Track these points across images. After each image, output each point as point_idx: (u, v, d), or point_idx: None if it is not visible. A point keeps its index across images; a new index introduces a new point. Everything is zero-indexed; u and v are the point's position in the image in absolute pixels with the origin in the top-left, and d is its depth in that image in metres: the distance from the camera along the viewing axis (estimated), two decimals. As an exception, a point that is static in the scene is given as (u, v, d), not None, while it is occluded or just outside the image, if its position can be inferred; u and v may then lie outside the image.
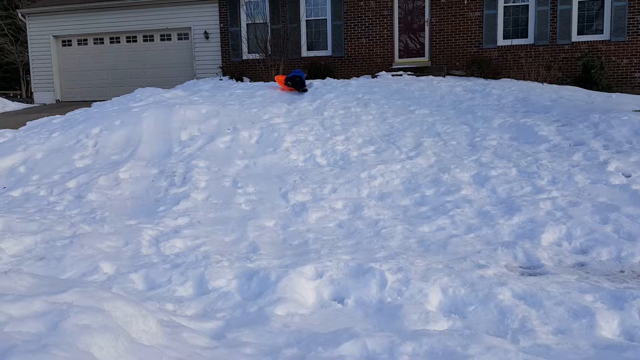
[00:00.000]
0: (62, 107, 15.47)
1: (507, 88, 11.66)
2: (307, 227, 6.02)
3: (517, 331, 3.59)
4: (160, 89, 12.37)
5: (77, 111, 11.40)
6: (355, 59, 15.26)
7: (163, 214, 6.45)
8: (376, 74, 14.13)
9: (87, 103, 12.77)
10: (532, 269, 4.91)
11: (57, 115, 11.33)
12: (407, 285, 4.25)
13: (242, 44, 15.86)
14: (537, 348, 3.20)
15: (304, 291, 4.24)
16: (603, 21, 13.80)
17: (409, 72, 13.88)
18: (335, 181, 7.27)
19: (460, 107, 10.36)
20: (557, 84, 12.46)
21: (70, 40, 18.36)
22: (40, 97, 18.52)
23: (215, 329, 3.54)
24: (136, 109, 9.92)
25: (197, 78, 16.18)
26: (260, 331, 3.50)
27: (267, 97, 11.55)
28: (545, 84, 12.33)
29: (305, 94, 11.60)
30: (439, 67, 14.29)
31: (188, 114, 9.57)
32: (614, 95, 11.33)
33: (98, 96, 16.40)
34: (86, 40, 18.15)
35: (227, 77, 15.69)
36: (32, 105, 17.69)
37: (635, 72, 13.61)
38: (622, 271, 4.84)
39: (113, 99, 12.03)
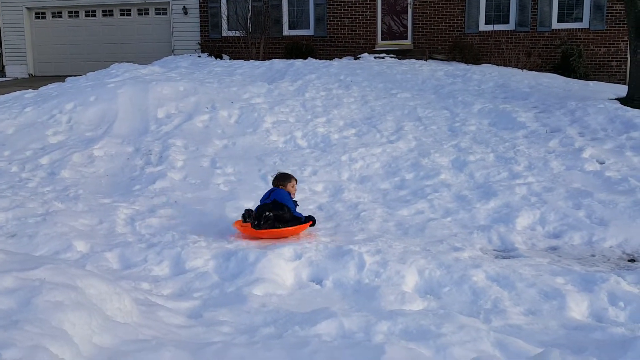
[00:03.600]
0: (35, 81, 15.07)
1: (487, 74, 11.73)
2: (286, 208, 5.99)
3: (489, 311, 3.66)
4: (137, 64, 12.10)
5: (50, 86, 11.10)
6: (338, 39, 15.14)
7: (139, 192, 6.36)
8: (358, 56, 14.06)
9: (61, 78, 12.43)
10: (506, 252, 5.00)
11: (30, 90, 11.02)
12: (384, 267, 4.29)
13: (222, 20, 15.58)
14: (508, 328, 3.27)
15: (283, 272, 4.25)
16: (583, 9, 13.92)
17: (392, 55, 13.85)
18: (315, 163, 7.25)
19: (441, 92, 10.40)
20: (536, 70, 12.57)
21: (44, 13, 17.81)
22: (13, 70, 18.00)
23: (192, 308, 3.52)
24: (112, 84, 9.71)
25: (175, 54, 15.88)
26: (238, 311, 3.49)
27: (247, 76, 11.41)
28: (524, 70, 12.43)
29: (287, 74, 11.47)
30: (421, 51, 14.28)
31: (165, 91, 9.40)
32: (591, 83, 11.49)
33: (72, 71, 15.97)
34: (60, 13, 17.63)
35: (206, 54, 15.42)
36: (3, 79, 17.20)
37: (612, 60, 13.81)
38: (593, 255, 4.96)
39: (88, 74, 11.73)
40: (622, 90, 10.11)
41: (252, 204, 6.15)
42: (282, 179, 5.40)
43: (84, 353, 2.40)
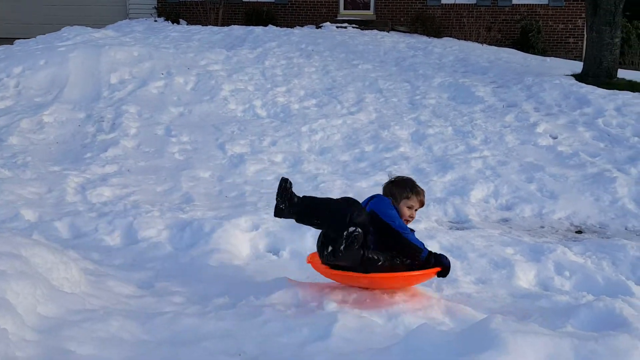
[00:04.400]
0: (-20, 42, 14.24)
1: (448, 47, 11.79)
2: (245, 179, 5.93)
3: (441, 281, 3.72)
4: (89, 28, 11.55)
5: (-3, 48, 10.51)
6: (299, 7, 14.85)
7: (90, 160, 6.15)
8: (320, 25, 13.85)
9: (10, 40, 11.78)
10: (460, 224, 5.10)
11: (-26, 52, 10.41)
12: (341, 238, 4.30)
13: (181, -16, 15.02)
14: (459, 296, 3.35)
15: (239, 243, 4.20)
16: (542, -15, 14.08)
17: (354, 25, 13.71)
18: (275, 134, 7.16)
19: (402, 64, 10.39)
20: (496, 45, 12.70)
21: (-11, -31, 16.73)
22: (-45, 30, 16.94)
23: (143, 279, 3.45)
24: (63, 48, 9.27)
25: (130, 18, 15.24)
26: (191, 281, 3.45)
27: (205, 42, 11.09)
28: (484, 45, 12.54)
29: (246, 41, 11.21)
30: (383, 22, 14.18)
31: (119, 55, 9.04)
32: (548, 59, 11.71)
33: (22, 34, 15.13)
34: (7, -30, 16.60)
35: (163, 18, 14.86)
36: (-55, 39, 16.19)
37: (570, 37, 14.08)
38: (542, 227, 5.12)
39: (38, 37, 11.15)
40: (577, 66, 10.33)
41: (209, 173, 6.05)
42: (398, 187, 3.23)
43: (28, 323, 2.32)
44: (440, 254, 3.15)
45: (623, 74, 9.99)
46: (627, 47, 13.85)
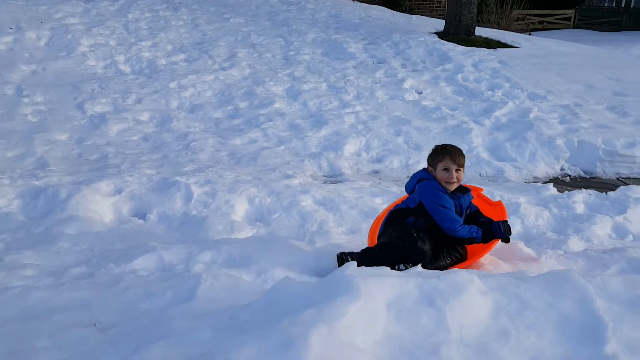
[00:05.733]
0: None
1: (321, 3, 11.79)
2: (107, 140, 5.53)
3: (315, 233, 3.81)
4: None
5: None
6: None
7: None
8: (189, -23, 13.10)
9: None
10: (334, 178, 5.22)
11: None
12: (213, 198, 4.20)
13: None
14: (330, 247, 3.44)
15: (100, 208, 3.93)
16: (410, -56, 14.51)
17: (225, -22, 13.15)
18: (140, 91, 6.73)
19: (275, 19, 10.23)
20: (366, 2, 12.96)
21: None
22: None
23: (-11, 254, 3.10)
24: None
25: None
26: (46, 252, 3.16)
27: (60, -8, 10.01)
28: (356, 1, 12.74)
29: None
30: (255, -24, 13.77)
31: (-46, 5, 7.88)
32: (414, 17, 12.20)
33: None
34: None
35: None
36: None
37: (435, -3, 14.76)
38: (408, 177, 5.33)
39: None
40: (441, 24, 10.88)
41: (67, 136, 5.56)
42: (430, 155, 3.22)
43: None
44: (494, 225, 3.04)
45: (480, 31, 10.71)
46: (484, 6, 14.81)
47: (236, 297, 2.14)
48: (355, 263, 1.86)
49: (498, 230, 3.00)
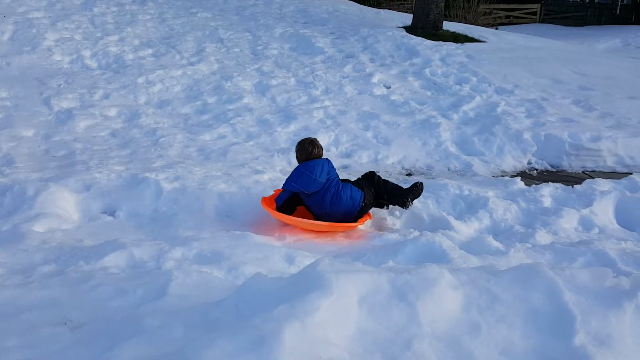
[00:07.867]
0: None
1: (289, -3, 11.77)
2: (74, 136, 5.45)
3: (285, 229, 3.85)
4: None
5: None
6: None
7: None
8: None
9: None
10: (303, 173, 5.25)
11: None
12: (183, 194, 4.20)
13: None
14: (300, 243, 3.49)
15: (69, 205, 3.90)
16: (378, -61, 14.57)
17: (192, -29, 12.99)
18: (107, 86, 6.64)
19: (243, 14, 10.17)
20: (335, -4, 12.97)
21: None
22: None
23: (-47, 254, 3.04)
24: None
25: None
26: (13, 250, 3.13)
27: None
28: (324, -4, 12.74)
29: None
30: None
31: None
32: (382, 11, 12.27)
33: None
34: None
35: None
36: None
37: (402, -9, 14.87)
38: (377, 171, 5.48)
39: None
40: (408, 19, 10.97)
41: (33, 132, 5.46)
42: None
43: None
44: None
45: (448, 25, 10.86)
46: (451, 1, 14.98)
47: (208, 294, 2.17)
48: (327, 259, 1.91)
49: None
